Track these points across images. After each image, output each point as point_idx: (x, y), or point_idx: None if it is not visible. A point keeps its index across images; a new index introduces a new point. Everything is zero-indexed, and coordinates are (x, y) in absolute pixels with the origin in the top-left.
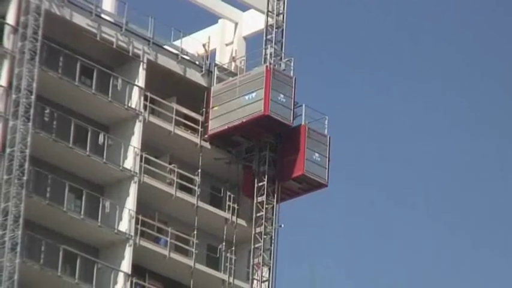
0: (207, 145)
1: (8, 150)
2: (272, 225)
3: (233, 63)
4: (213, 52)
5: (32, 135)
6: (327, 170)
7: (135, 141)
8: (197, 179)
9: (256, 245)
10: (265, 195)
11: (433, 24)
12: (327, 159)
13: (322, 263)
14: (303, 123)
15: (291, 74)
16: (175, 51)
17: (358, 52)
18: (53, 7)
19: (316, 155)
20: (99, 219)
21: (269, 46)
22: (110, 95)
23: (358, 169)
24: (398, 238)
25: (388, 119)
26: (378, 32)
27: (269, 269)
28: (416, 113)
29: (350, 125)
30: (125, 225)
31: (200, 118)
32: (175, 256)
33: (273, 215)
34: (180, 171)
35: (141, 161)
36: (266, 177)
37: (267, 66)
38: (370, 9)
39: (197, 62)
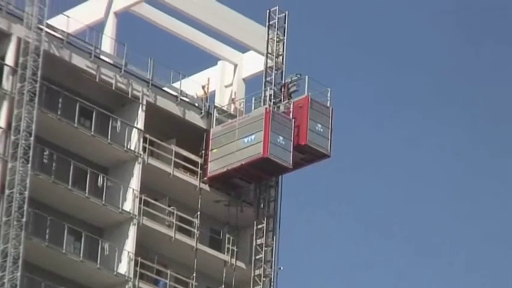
0: (206, 187)
1: (7, 191)
2: (271, 267)
3: (232, 105)
4: (213, 94)
5: (31, 177)
6: (329, 141)
7: (135, 183)
8: (196, 221)
9: None
10: (264, 237)
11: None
12: (330, 130)
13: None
14: (305, 94)
15: (291, 116)
16: (174, 93)
17: (359, 93)
18: (52, 48)
19: (319, 125)
20: (98, 261)
21: (268, 88)
22: (109, 136)
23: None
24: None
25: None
26: (379, 72)
27: None
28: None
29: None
30: (124, 267)
31: (199, 160)
32: None
33: (272, 257)
34: (179, 213)
35: (140, 203)
36: (265, 219)
37: (266, 108)
38: (371, 49)
39: (196, 104)
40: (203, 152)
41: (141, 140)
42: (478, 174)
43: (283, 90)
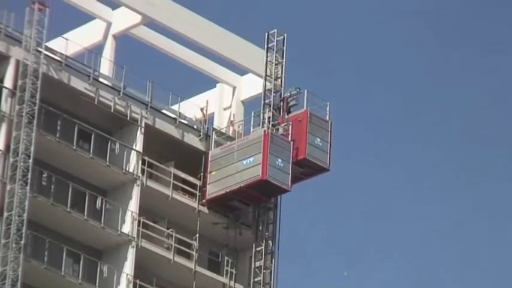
0: (205, 210)
1: (5, 214)
2: None
3: (231, 128)
4: (211, 116)
5: (29, 199)
6: (328, 155)
7: (133, 205)
8: (195, 243)
9: None
10: (263, 260)
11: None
12: (329, 144)
13: None
14: (304, 108)
15: (289, 138)
16: (173, 116)
17: (355, 114)
18: (51, 70)
19: (318, 139)
20: (97, 284)
21: (267, 110)
22: (107, 159)
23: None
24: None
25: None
26: (376, 101)
27: None
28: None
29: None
30: None
31: (198, 182)
32: None
33: (271, 279)
34: (178, 235)
35: (138, 225)
36: (264, 242)
37: (265, 131)
38: (368, 75)
39: (195, 126)
40: (202, 174)
41: (140, 162)
42: (478, 178)
43: (282, 104)
